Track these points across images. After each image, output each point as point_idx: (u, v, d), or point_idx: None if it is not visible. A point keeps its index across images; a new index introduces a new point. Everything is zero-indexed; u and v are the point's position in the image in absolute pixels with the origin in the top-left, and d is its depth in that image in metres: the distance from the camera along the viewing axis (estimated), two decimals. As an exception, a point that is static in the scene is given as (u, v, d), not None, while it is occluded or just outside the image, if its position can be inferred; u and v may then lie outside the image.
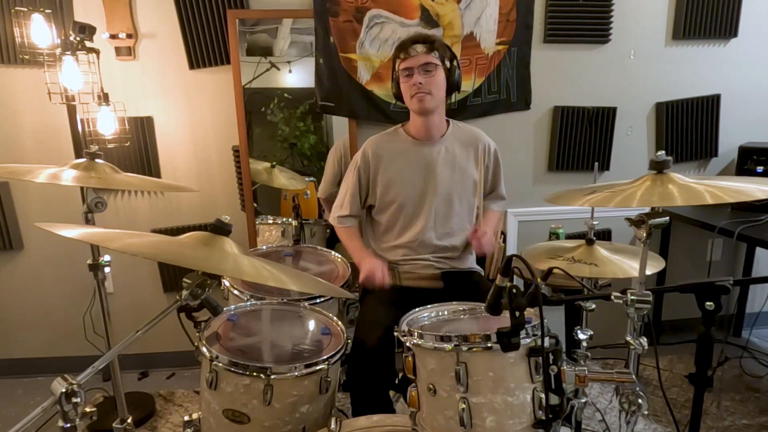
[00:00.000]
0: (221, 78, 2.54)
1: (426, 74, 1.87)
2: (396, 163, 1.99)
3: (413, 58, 1.87)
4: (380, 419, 1.44)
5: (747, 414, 2.36)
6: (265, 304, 1.80)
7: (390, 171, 1.99)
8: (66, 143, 2.41)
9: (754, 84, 2.90)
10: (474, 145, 2.03)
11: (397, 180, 1.99)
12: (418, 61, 1.87)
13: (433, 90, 1.88)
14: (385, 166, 2.00)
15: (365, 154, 2.01)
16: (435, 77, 1.88)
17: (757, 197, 1.13)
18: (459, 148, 2.02)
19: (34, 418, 0.88)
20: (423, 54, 1.87)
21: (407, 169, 1.99)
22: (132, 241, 1.17)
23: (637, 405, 1.23)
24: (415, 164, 1.98)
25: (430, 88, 1.88)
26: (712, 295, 1.12)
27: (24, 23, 2.20)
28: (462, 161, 2.01)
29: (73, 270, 2.69)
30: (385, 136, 2.06)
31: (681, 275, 2.97)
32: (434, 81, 1.88)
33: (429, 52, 1.87)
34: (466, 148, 2.02)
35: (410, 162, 1.99)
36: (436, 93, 1.89)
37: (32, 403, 2.58)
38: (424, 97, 1.88)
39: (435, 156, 1.98)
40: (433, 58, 1.88)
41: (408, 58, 1.88)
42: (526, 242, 2.74)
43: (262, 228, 2.67)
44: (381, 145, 2.02)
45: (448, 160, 1.99)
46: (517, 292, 1.08)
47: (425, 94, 1.88)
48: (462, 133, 2.05)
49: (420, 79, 1.87)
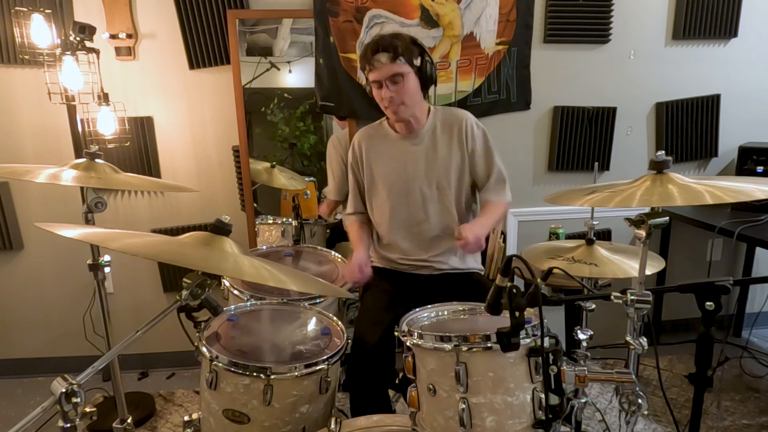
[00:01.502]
0: (221, 78, 2.54)
1: (395, 85, 1.79)
2: (382, 157, 1.99)
3: (378, 70, 1.78)
4: (380, 419, 1.44)
5: (747, 414, 2.36)
6: (265, 304, 1.80)
7: (376, 164, 1.99)
8: (66, 143, 2.41)
9: (754, 84, 2.90)
10: (456, 127, 1.95)
11: (382, 173, 1.98)
12: (383, 73, 1.78)
13: (406, 99, 1.82)
14: (369, 159, 2.00)
15: (353, 148, 2.03)
16: (405, 85, 1.80)
17: (757, 197, 1.13)
18: (441, 134, 1.96)
19: (34, 418, 0.88)
20: (388, 65, 1.77)
21: (392, 162, 1.97)
22: (132, 241, 1.17)
23: (637, 405, 1.22)
24: (399, 157, 1.96)
25: (402, 99, 1.81)
26: (712, 295, 1.12)
27: (24, 23, 2.20)
28: (444, 148, 1.94)
29: (73, 270, 2.69)
30: (371, 129, 2.05)
31: (681, 275, 2.97)
32: (405, 89, 1.80)
33: (393, 61, 1.76)
34: (449, 134, 1.95)
35: (394, 155, 1.97)
36: (409, 101, 1.83)
37: (32, 403, 2.58)
38: (398, 108, 1.83)
39: (417, 147, 1.95)
40: (399, 66, 1.77)
41: (373, 70, 1.79)
42: (526, 242, 2.74)
43: (262, 228, 2.67)
44: (367, 139, 2.02)
45: (430, 149, 1.94)
46: (517, 292, 1.08)
47: (398, 105, 1.82)
48: (444, 118, 1.97)
49: (390, 93, 1.79)
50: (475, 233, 1.76)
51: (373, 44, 1.80)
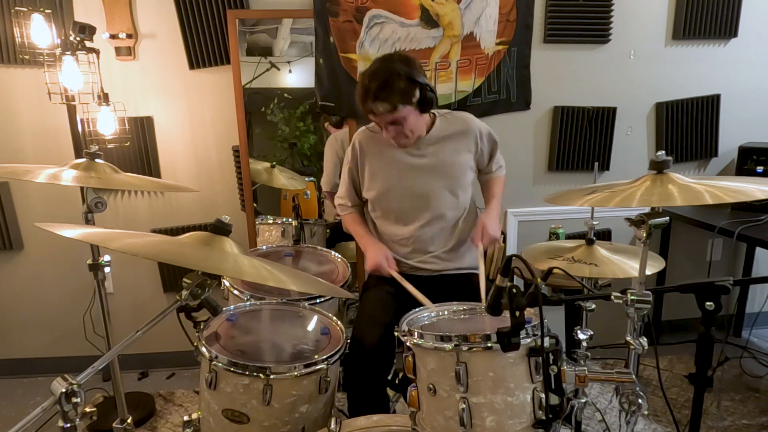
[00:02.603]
0: (221, 78, 2.54)
1: (397, 125, 1.82)
2: (383, 158, 1.97)
3: (378, 116, 1.81)
4: (380, 419, 1.44)
5: (747, 414, 2.36)
6: (264, 304, 1.80)
7: (377, 165, 1.99)
8: (66, 143, 2.41)
9: (754, 84, 2.90)
10: (466, 134, 1.97)
11: (382, 174, 1.98)
12: (384, 119, 1.81)
13: (409, 133, 1.85)
14: (369, 160, 1.99)
15: (354, 146, 2.02)
16: (406, 124, 1.82)
17: (757, 197, 1.13)
18: (449, 140, 1.96)
19: (34, 418, 0.88)
20: (386, 114, 1.78)
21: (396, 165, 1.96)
22: (132, 241, 1.17)
23: (637, 405, 1.22)
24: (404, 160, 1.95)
25: (405, 134, 1.85)
26: (712, 295, 1.12)
27: (24, 23, 2.20)
28: (452, 152, 1.96)
29: (73, 270, 2.69)
30: (373, 132, 2.01)
31: (681, 275, 2.97)
32: (408, 125, 1.82)
33: (392, 111, 1.76)
34: (456, 140, 1.97)
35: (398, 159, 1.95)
36: (412, 134, 1.86)
37: (32, 403, 2.58)
38: (402, 141, 1.88)
39: (424, 151, 1.95)
40: (399, 112, 1.77)
41: (372, 114, 1.82)
42: (526, 242, 2.74)
43: (262, 228, 2.68)
44: (369, 139, 2.01)
45: (437, 153, 1.95)
46: (517, 292, 1.08)
47: (402, 138, 1.87)
48: (451, 124, 1.98)
49: (392, 133, 1.84)
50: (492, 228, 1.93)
51: (368, 91, 1.75)
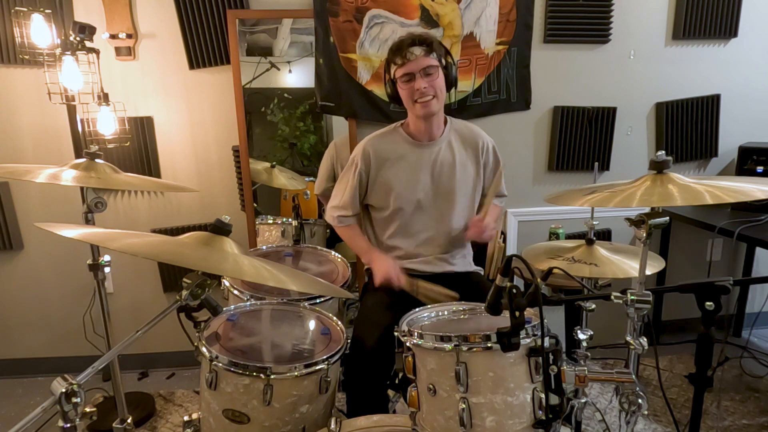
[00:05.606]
0: (221, 78, 2.54)
1: (428, 77, 1.82)
2: (397, 165, 1.96)
3: (412, 62, 1.80)
4: (380, 419, 1.44)
5: (747, 414, 2.36)
6: (265, 304, 1.80)
7: (391, 173, 1.97)
8: (66, 143, 2.41)
9: (754, 84, 2.90)
10: (473, 143, 2.02)
11: (397, 182, 1.96)
12: (418, 65, 1.80)
13: (438, 92, 1.85)
14: (386, 168, 1.97)
15: (366, 155, 1.97)
16: (437, 79, 1.83)
17: (757, 197, 1.12)
18: (458, 146, 2.00)
19: (34, 418, 0.88)
20: (422, 57, 1.80)
21: (408, 171, 1.96)
22: (132, 241, 1.17)
23: (637, 405, 1.23)
24: (417, 165, 1.96)
25: (434, 91, 1.84)
26: (712, 295, 1.12)
27: (24, 23, 2.20)
28: (462, 159, 2.00)
29: (73, 270, 2.69)
30: (385, 136, 2.02)
31: (681, 275, 2.97)
32: (437, 83, 1.83)
33: (428, 54, 1.81)
34: (465, 147, 2.01)
35: (411, 164, 1.96)
36: (440, 95, 1.86)
37: (32, 403, 2.58)
38: (430, 101, 1.84)
39: (435, 156, 1.97)
40: (433, 59, 1.82)
41: (406, 62, 1.81)
42: (526, 242, 2.74)
43: (262, 228, 2.67)
44: (381, 146, 1.98)
45: (448, 159, 1.98)
46: (517, 292, 1.08)
47: (431, 98, 1.84)
48: (461, 131, 2.03)
49: (423, 84, 1.81)
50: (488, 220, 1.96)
51: (407, 38, 1.84)
